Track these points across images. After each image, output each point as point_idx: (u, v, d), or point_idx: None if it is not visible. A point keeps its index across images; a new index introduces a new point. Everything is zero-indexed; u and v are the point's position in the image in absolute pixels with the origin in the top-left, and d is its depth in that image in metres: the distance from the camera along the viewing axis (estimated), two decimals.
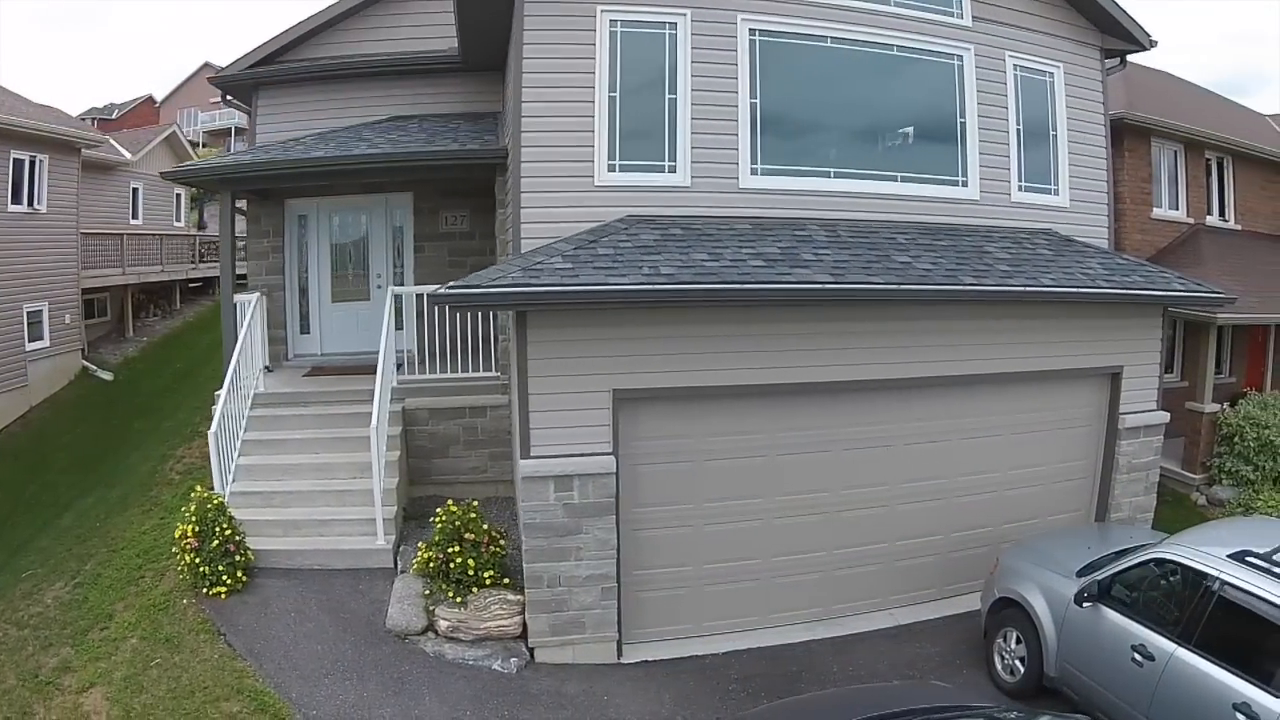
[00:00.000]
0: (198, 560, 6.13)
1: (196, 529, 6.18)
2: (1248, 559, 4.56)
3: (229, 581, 6.14)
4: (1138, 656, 4.77)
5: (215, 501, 6.33)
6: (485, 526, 6.10)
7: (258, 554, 6.45)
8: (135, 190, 17.49)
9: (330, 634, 5.94)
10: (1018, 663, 5.69)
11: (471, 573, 5.99)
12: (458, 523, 6.05)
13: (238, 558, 6.23)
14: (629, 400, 5.77)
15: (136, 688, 5.44)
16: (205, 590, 6.12)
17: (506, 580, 6.09)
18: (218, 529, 6.19)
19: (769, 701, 5.32)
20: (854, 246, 6.18)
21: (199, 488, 6.50)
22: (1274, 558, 4.53)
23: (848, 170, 6.73)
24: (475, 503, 6.22)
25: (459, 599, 5.99)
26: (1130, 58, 8.01)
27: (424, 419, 7.36)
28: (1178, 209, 11.35)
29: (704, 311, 5.67)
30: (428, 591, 6.10)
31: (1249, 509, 8.82)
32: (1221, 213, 11.96)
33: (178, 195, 19.96)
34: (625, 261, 5.53)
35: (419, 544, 6.30)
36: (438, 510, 6.18)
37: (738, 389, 5.94)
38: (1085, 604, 5.21)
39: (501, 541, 6.20)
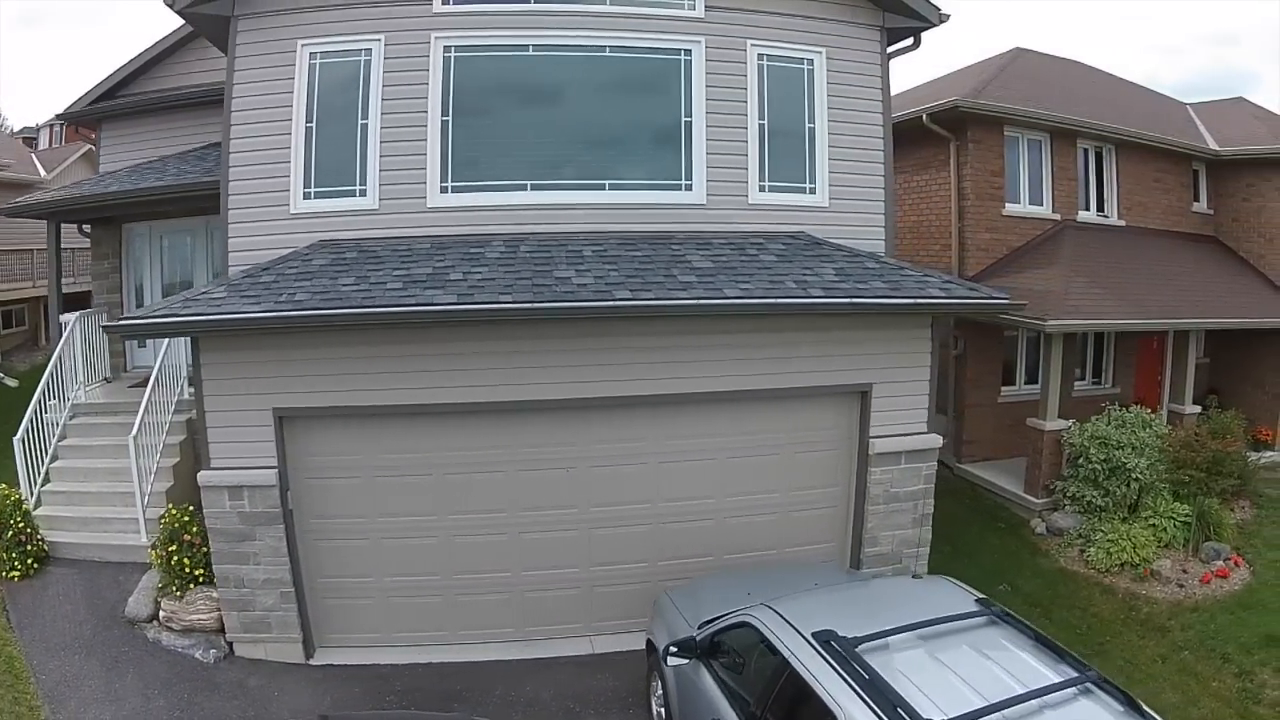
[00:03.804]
0: None
1: None
2: (831, 642, 4.10)
3: (20, 568, 8.02)
4: None
5: (12, 498, 8.23)
6: (196, 529, 7.47)
7: (56, 545, 8.32)
8: None
9: (81, 616, 7.64)
10: (663, 711, 5.79)
11: (188, 570, 7.39)
12: (176, 525, 7.47)
13: (29, 547, 8.10)
14: (294, 418, 6.84)
15: None
16: (4, 574, 8.07)
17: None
18: (12, 522, 8.09)
19: None
20: (518, 264, 6.78)
21: (1, 485, 8.47)
22: (857, 649, 3.99)
23: (547, 182, 7.29)
24: (190, 507, 7.62)
25: (179, 593, 7.43)
26: (1027, 44, 8.00)
27: None
28: (1041, 204, 10.72)
29: (344, 334, 6.58)
30: (161, 585, 7.61)
31: (1089, 540, 8.26)
32: (1100, 207, 11.17)
33: None
34: (274, 289, 6.59)
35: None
36: (161, 514, 7.65)
37: (395, 408, 6.77)
38: (670, 662, 5.05)
39: None
